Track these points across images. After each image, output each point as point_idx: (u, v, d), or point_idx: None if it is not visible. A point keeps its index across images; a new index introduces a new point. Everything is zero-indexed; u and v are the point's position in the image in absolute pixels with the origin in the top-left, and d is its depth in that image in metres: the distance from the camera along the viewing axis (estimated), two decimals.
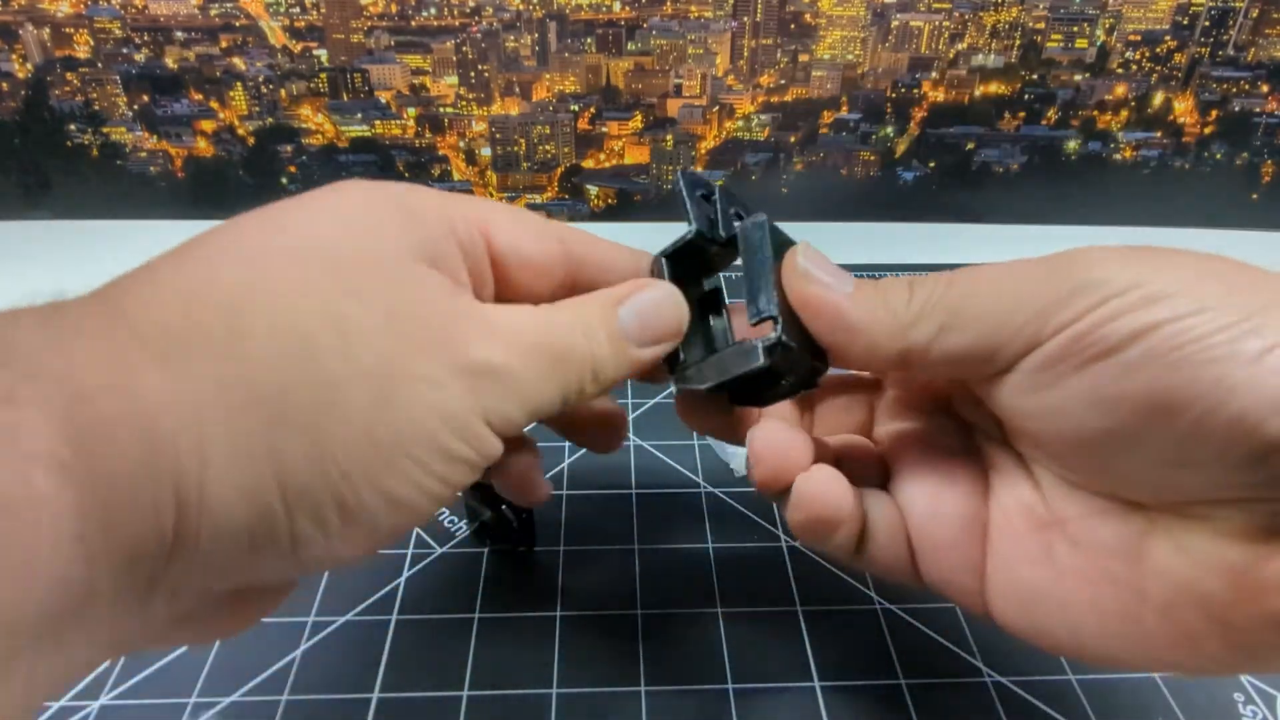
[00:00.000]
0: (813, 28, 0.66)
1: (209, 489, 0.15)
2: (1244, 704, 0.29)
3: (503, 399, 0.18)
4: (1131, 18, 0.65)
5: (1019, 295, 0.18)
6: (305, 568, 0.17)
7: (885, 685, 0.30)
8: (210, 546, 0.15)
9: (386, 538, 0.18)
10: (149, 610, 0.16)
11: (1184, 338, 0.16)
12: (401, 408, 0.16)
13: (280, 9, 0.63)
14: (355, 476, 0.16)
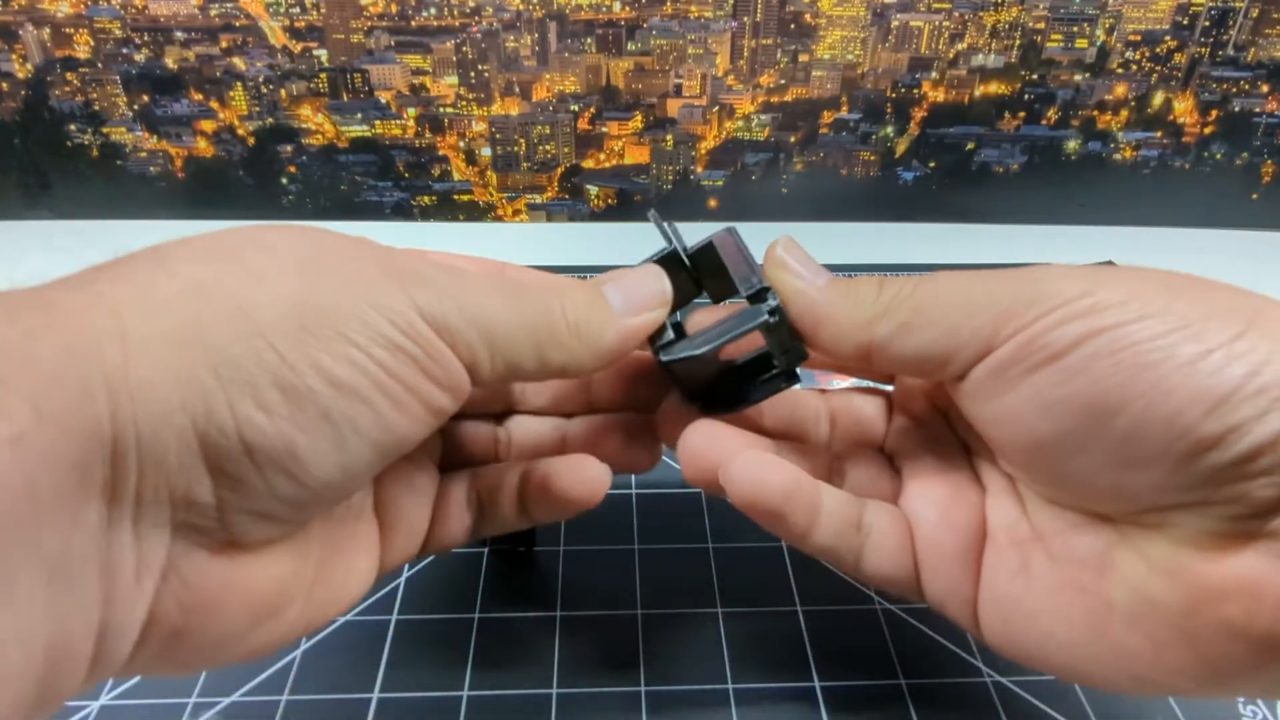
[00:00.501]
0: (813, 28, 0.66)
1: (135, 370, 0.14)
2: (1244, 704, 0.29)
3: (440, 301, 0.18)
4: (1131, 18, 0.65)
5: (978, 301, 0.19)
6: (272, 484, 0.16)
7: (885, 685, 0.30)
8: (153, 440, 0.15)
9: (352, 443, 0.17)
10: (116, 547, 0.15)
11: (1123, 342, 0.17)
12: (329, 291, 0.17)
13: (280, 9, 0.63)
14: (288, 353, 0.16)
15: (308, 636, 0.31)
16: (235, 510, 0.16)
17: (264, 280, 0.16)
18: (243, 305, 0.16)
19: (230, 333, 0.15)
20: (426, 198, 0.70)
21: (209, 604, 0.17)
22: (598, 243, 0.67)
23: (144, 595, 0.16)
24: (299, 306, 0.16)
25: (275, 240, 0.18)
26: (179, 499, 0.15)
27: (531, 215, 0.74)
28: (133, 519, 0.15)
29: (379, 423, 0.17)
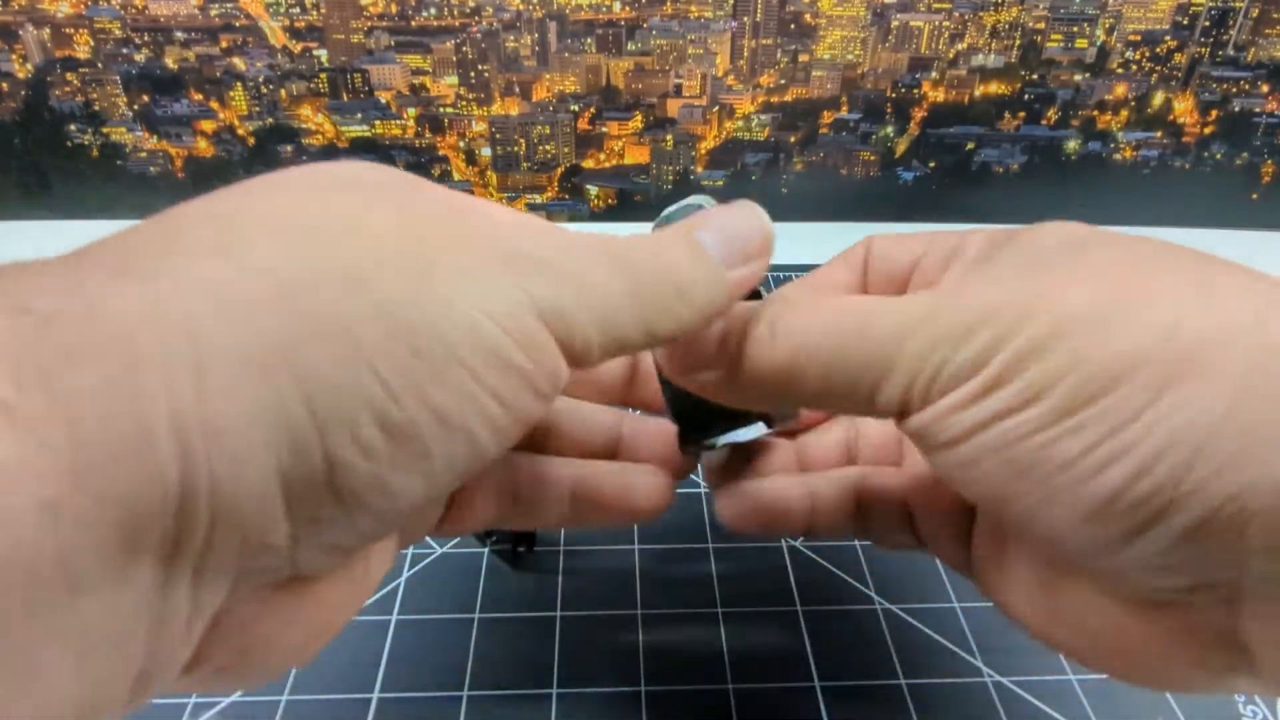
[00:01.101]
0: (813, 28, 0.66)
1: (214, 406, 0.12)
2: (1244, 704, 0.29)
3: (558, 291, 0.15)
4: (1131, 18, 0.65)
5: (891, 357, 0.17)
6: (354, 520, 0.14)
7: (885, 685, 0.30)
8: (231, 486, 0.12)
9: (443, 475, 0.14)
10: (170, 607, 0.12)
11: (1008, 438, 0.15)
12: (441, 301, 0.14)
13: (280, 9, 0.63)
14: (396, 384, 0.13)
15: None
16: (311, 547, 0.14)
17: (365, 282, 0.13)
18: (342, 320, 0.13)
19: (327, 355, 0.13)
20: None
21: (262, 643, 0.15)
22: None
23: (192, 641, 0.14)
24: (407, 321, 0.13)
25: (367, 214, 0.15)
26: (251, 546, 0.13)
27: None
28: (194, 571, 0.13)
29: (474, 453, 0.15)
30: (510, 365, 0.14)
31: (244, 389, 0.12)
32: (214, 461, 0.12)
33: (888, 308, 0.17)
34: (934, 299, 0.17)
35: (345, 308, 0.13)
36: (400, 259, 0.14)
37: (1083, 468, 0.15)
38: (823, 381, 0.17)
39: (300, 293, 0.13)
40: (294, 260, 0.13)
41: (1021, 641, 0.31)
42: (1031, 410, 0.15)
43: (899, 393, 0.17)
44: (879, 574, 0.34)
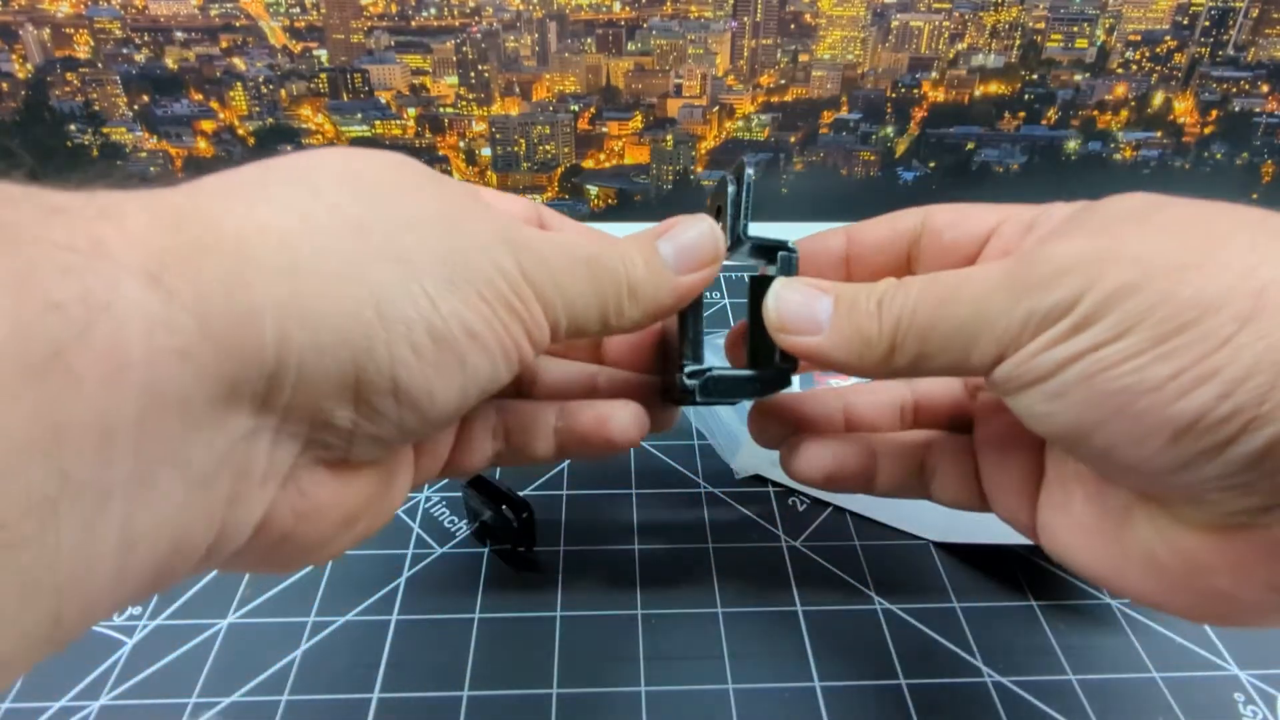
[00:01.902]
0: (813, 28, 0.66)
1: (306, 302, 0.15)
2: (1244, 704, 0.29)
3: (541, 271, 0.19)
4: (1131, 18, 0.65)
5: (976, 325, 0.19)
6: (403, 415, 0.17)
7: (885, 685, 0.30)
8: (314, 367, 0.15)
9: (470, 388, 0.18)
10: (251, 454, 0.16)
11: (1097, 367, 0.17)
12: (465, 250, 0.18)
13: (280, 9, 0.64)
14: (440, 301, 0.17)
15: (313, 635, 0.31)
16: (362, 435, 0.17)
17: (416, 228, 0.17)
18: (401, 251, 0.17)
19: (392, 275, 0.16)
20: None
21: (315, 513, 0.18)
22: None
23: (264, 499, 0.17)
24: (446, 258, 0.17)
25: (415, 185, 0.19)
26: (320, 420, 0.17)
27: None
28: (274, 430, 0.16)
29: (492, 371, 0.19)
30: (512, 307, 0.19)
31: (330, 294, 0.16)
32: (304, 346, 0.15)
33: (975, 272, 0.20)
34: (1018, 259, 0.19)
35: (405, 243, 0.17)
36: (440, 218, 0.18)
37: (1171, 390, 0.16)
38: (922, 344, 0.20)
39: (370, 229, 0.17)
40: (360, 204, 0.17)
41: (1021, 641, 0.31)
42: (1122, 343, 0.17)
43: (993, 346, 0.19)
44: (879, 574, 0.34)
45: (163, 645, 0.31)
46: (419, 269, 0.17)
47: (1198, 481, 0.17)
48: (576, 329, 0.21)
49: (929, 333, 0.20)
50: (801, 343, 0.22)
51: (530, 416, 0.25)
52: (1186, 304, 0.16)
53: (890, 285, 0.21)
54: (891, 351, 0.20)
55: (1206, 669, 0.31)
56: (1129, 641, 0.31)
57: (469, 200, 0.20)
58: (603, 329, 0.22)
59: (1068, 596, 0.33)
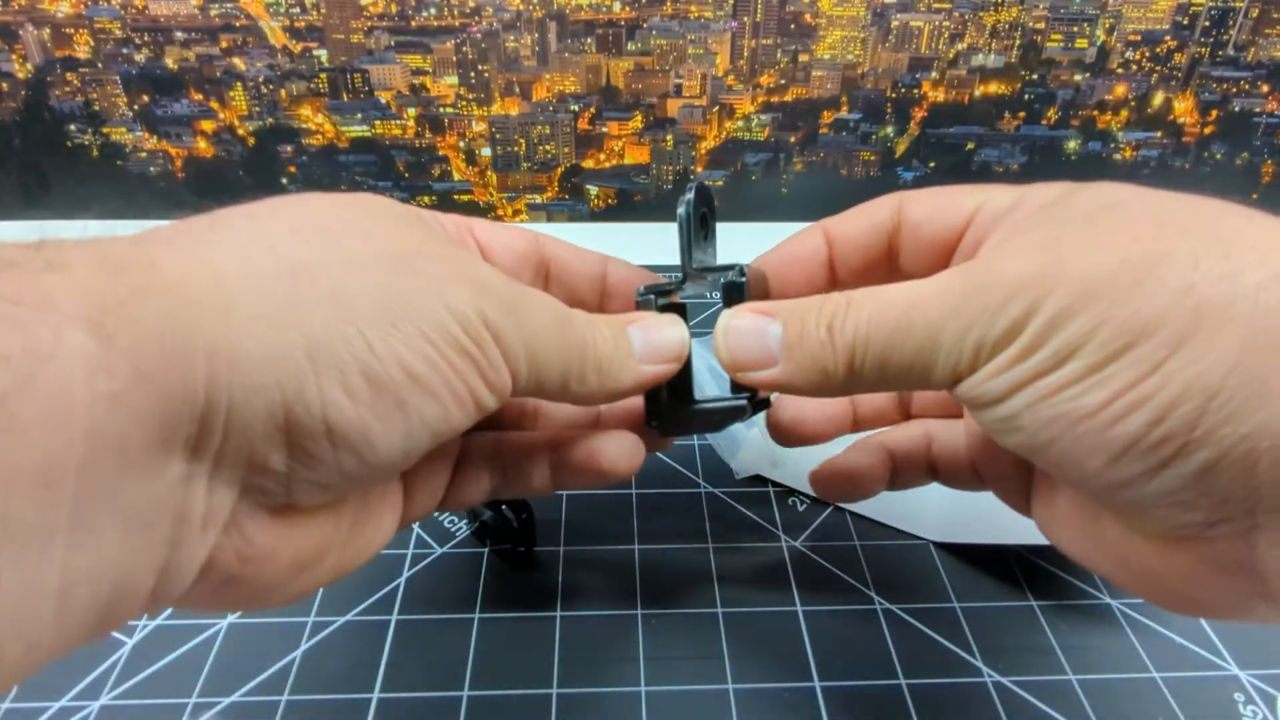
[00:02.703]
0: (813, 28, 0.66)
1: (238, 344, 0.15)
2: (1244, 704, 0.29)
3: (506, 317, 0.19)
4: (1131, 18, 0.65)
5: (931, 348, 0.19)
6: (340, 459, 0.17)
7: (885, 685, 0.30)
8: (244, 409, 0.15)
9: (418, 431, 0.18)
10: (189, 499, 0.16)
11: (1040, 394, 0.17)
12: (413, 290, 0.18)
13: (280, 9, 0.63)
14: (376, 343, 0.17)
15: (313, 635, 0.31)
16: (300, 480, 0.17)
17: (359, 270, 0.17)
18: (338, 293, 0.17)
19: (325, 318, 0.16)
20: (426, 198, 0.70)
21: (261, 557, 0.18)
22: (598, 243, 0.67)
23: (206, 543, 0.17)
24: (388, 300, 0.17)
25: (369, 226, 0.19)
26: (254, 464, 0.17)
27: (532, 215, 0.74)
28: (209, 475, 0.16)
29: (441, 415, 0.18)
30: (465, 351, 0.18)
31: (261, 337, 0.16)
32: (234, 388, 0.15)
33: (927, 296, 0.20)
34: (966, 279, 0.19)
35: (343, 285, 0.17)
36: (389, 258, 0.18)
37: (1106, 416, 0.17)
38: (881, 370, 0.20)
39: (310, 271, 0.17)
40: (304, 247, 0.17)
41: (1021, 641, 0.31)
42: (1064, 369, 0.17)
43: (949, 367, 0.19)
44: (879, 574, 0.34)
45: (163, 645, 0.31)
46: (356, 311, 0.17)
47: (1142, 498, 0.17)
48: (536, 384, 0.21)
49: (886, 358, 0.20)
50: (759, 378, 0.22)
51: (526, 450, 0.25)
52: (1123, 328, 0.16)
53: (838, 306, 0.21)
54: (850, 378, 0.20)
55: (1206, 669, 0.31)
56: (1129, 641, 0.31)
57: (432, 242, 0.20)
58: (561, 392, 0.22)
59: (1068, 596, 0.33)
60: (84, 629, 0.15)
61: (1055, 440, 0.18)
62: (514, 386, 0.20)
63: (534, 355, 0.20)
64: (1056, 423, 0.17)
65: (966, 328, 0.19)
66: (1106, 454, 0.17)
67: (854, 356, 0.20)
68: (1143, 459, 0.16)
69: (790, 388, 0.22)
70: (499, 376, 0.20)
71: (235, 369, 0.15)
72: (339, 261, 0.17)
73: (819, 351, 0.21)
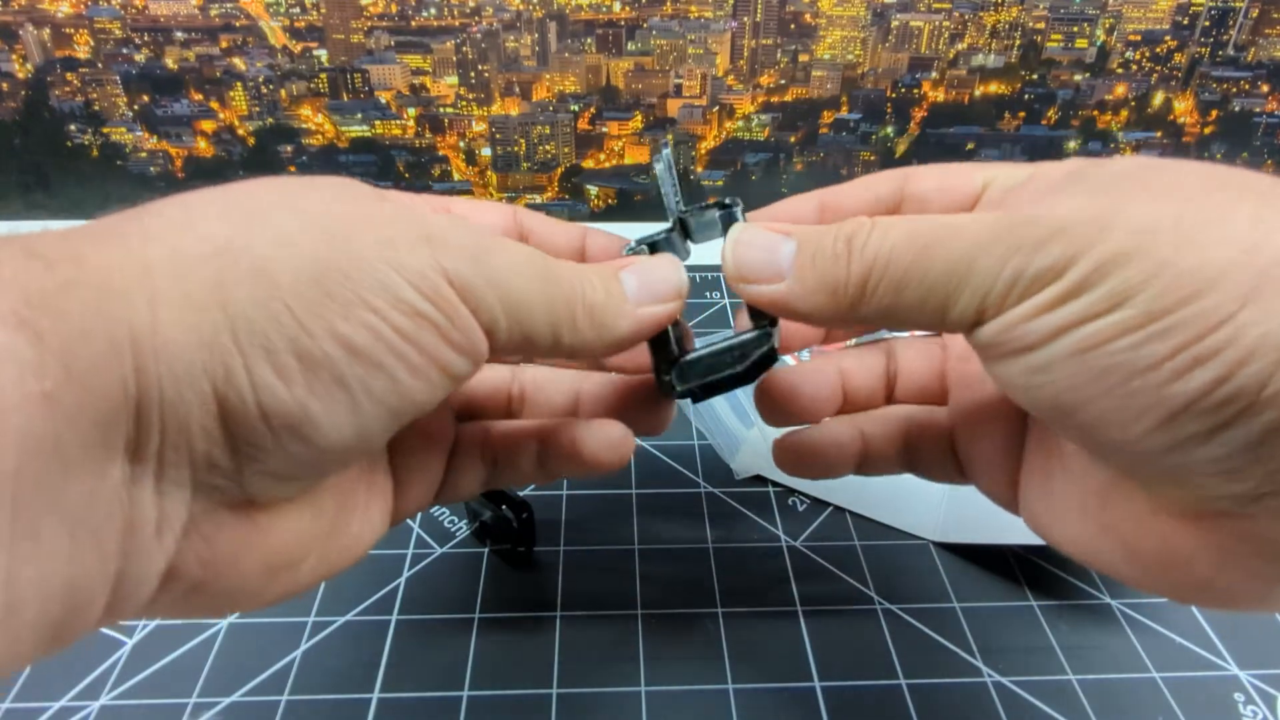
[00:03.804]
0: (813, 28, 0.66)
1: (161, 331, 0.15)
2: (1244, 704, 0.29)
3: (472, 269, 0.18)
4: (1131, 18, 0.65)
5: (962, 273, 0.18)
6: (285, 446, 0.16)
7: (885, 685, 0.30)
8: (176, 401, 0.15)
9: (370, 410, 0.17)
10: (138, 504, 0.15)
11: (1088, 343, 0.16)
12: (352, 258, 0.16)
13: (280, 9, 0.63)
14: (308, 320, 0.16)
15: (313, 635, 0.31)
16: (252, 472, 0.16)
17: (288, 243, 0.16)
18: (264, 268, 0.16)
19: (249, 296, 0.15)
20: None
21: (227, 560, 0.17)
22: None
23: (164, 550, 0.16)
24: (320, 270, 0.16)
25: (307, 200, 0.18)
26: (199, 460, 0.16)
27: None
28: (155, 477, 0.15)
29: (394, 389, 0.17)
30: (419, 313, 0.17)
31: (184, 322, 0.15)
32: (163, 379, 0.15)
33: (963, 221, 0.18)
34: (1010, 213, 0.18)
35: (270, 260, 0.16)
36: (327, 228, 0.17)
37: (1167, 370, 0.15)
38: (896, 295, 0.18)
39: (235, 250, 0.16)
40: (233, 229, 0.16)
41: (1022, 641, 0.31)
42: (1115, 315, 0.16)
43: (975, 302, 0.17)
44: (879, 574, 0.34)
45: (163, 645, 0.31)
46: (283, 285, 0.16)
47: (1187, 465, 0.16)
48: (523, 337, 0.19)
49: (906, 280, 0.18)
50: (761, 292, 0.21)
51: (515, 438, 0.25)
52: (1186, 276, 0.15)
53: (861, 225, 0.19)
54: (861, 299, 0.19)
55: (1206, 669, 0.31)
56: (1129, 641, 0.31)
57: (382, 210, 0.18)
58: (553, 345, 0.20)
59: (1068, 596, 0.33)
60: (35, 643, 0.14)
61: (1098, 397, 0.16)
62: (494, 342, 0.19)
63: (513, 306, 0.18)
64: (1104, 377, 0.16)
65: (1005, 257, 0.17)
66: (1160, 413, 0.15)
67: (870, 276, 0.19)
68: (1201, 419, 0.15)
69: (792, 307, 0.20)
70: (468, 337, 0.18)
71: (161, 359, 0.15)
72: (268, 238, 0.16)
73: (831, 267, 0.19)
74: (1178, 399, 0.15)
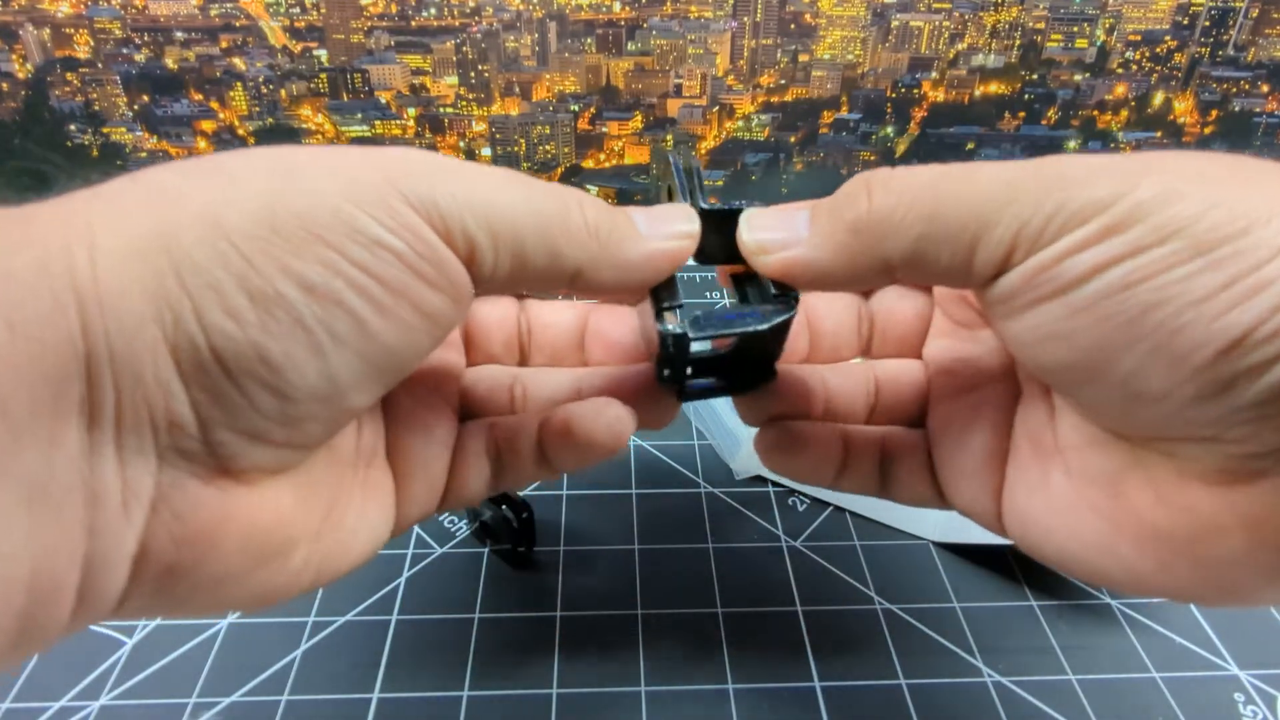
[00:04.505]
0: (813, 28, 0.66)
1: (104, 281, 0.14)
2: (1244, 704, 0.29)
3: (432, 189, 0.17)
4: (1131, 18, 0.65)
5: (997, 205, 0.17)
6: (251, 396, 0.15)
7: (885, 685, 0.30)
8: (126, 354, 0.14)
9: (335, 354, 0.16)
10: (100, 474, 0.15)
11: (1136, 276, 0.15)
12: (302, 193, 0.16)
13: (280, 9, 0.64)
14: (257, 259, 0.15)
15: (314, 635, 0.31)
16: (220, 428, 0.16)
17: (234, 184, 0.16)
18: (208, 210, 0.15)
19: (193, 237, 0.15)
20: None
21: (204, 537, 0.16)
22: None
23: (133, 527, 0.15)
24: (269, 207, 0.15)
25: (258, 150, 0.17)
26: (160, 420, 0.15)
27: None
28: (115, 443, 0.15)
29: (360, 329, 0.16)
30: (378, 243, 0.16)
31: (127, 268, 0.14)
32: (110, 332, 0.14)
33: (995, 164, 0.18)
34: (1044, 160, 0.17)
35: (214, 200, 0.15)
36: (274, 168, 0.16)
37: (1221, 301, 0.15)
38: (927, 224, 0.18)
39: (178, 195, 0.15)
40: (180, 175, 0.16)
41: (1021, 641, 0.31)
42: (1163, 248, 0.15)
43: (1009, 237, 0.17)
44: (879, 574, 0.34)
45: (163, 645, 0.31)
46: (229, 224, 0.15)
47: (1227, 413, 0.15)
48: (516, 261, 0.18)
49: (935, 213, 0.18)
50: (781, 257, 0.20)
51: (515, 431, 0.24)
52: (1232, 214, 0.15)
53: (886, 170, 0.19)
54: (886, 232, 0.18)
55: (1206, 669, 0.31)
56: (1129, 641, 0.32)
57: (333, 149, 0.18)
58: (554, 263, 0.18)
59: (1068, 596, 0.33)
60: (4, 643, 0.13)
61: (1141, 338, 0.15)
62: (481, 272, 0.17)
63: (495, 224, 0.17)
64: (1152, 312, 0.15)
65: (1046, 190, 0.16)
66: (1211, 350, 0.15)
67: (895, 211, 0.18)
68: (1253, 353, 0.14)
69: (813, 261, 0.19)
70: (444, 270, 0.17)
71: (106, 310, 0.14)
72: (215, 183, 0.16)
73: (850, 206, 0.19)
74: (1229, 332, 0.15)
